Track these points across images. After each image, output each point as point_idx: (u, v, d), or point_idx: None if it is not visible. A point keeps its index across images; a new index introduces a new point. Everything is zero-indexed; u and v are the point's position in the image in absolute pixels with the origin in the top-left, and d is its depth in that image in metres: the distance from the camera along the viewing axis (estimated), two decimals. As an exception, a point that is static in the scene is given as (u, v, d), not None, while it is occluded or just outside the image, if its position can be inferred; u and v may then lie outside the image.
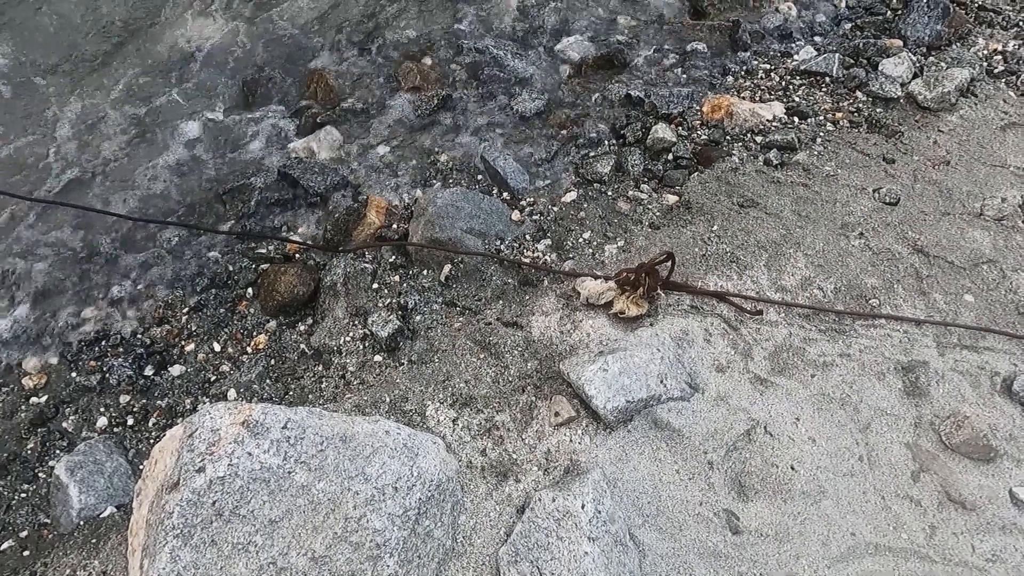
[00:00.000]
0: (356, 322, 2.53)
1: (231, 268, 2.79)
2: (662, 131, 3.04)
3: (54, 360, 2.58)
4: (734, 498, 2.03)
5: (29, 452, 2.34)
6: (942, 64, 3.27)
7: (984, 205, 2.74)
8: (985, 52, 3.34)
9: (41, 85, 3.43)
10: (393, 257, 2.73)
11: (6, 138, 3.21)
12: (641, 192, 2.89)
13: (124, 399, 2.47)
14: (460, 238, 2.66)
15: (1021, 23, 3.47)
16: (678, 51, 3.49)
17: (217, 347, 2.60)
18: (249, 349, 2.58)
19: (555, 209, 2.87)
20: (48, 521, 2.17)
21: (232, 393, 2.44)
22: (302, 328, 2.61)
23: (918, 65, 3.26)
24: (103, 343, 2.62)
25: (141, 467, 2.23)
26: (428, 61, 3.48)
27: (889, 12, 3.61)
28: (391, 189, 3.00)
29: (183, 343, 2.62)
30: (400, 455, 1.81)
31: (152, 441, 2.33)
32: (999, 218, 2.69)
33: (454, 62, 3.47)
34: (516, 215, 2.85)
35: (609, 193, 2.90)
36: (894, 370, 2.30)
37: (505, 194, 2.94)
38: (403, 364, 2.38)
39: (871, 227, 2.67)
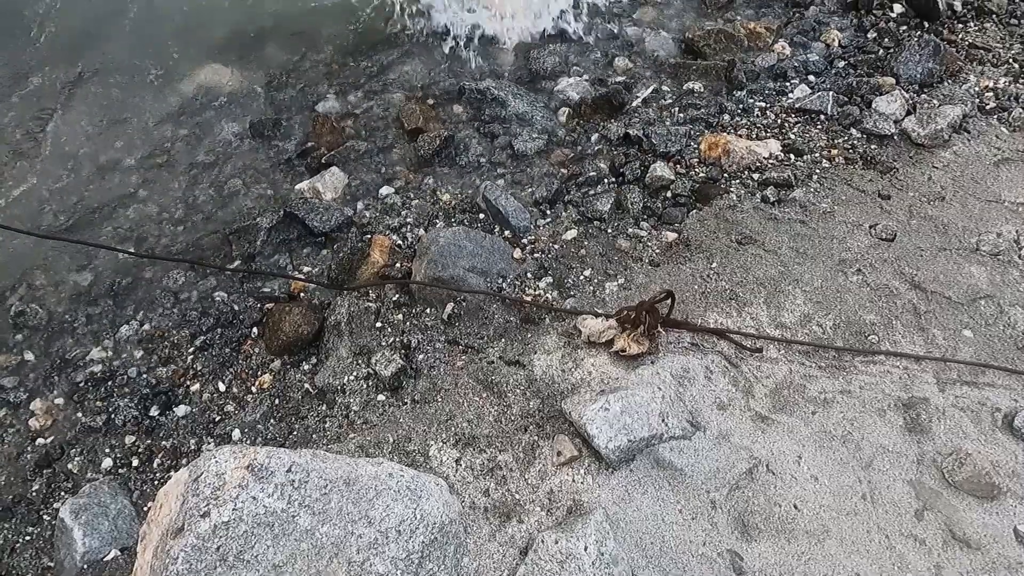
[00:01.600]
0: (360, 361, 2.56)
1: (237, 307, 2.83)
2: (660, 169, 3.10)
3: (60, 401, 2.60)
4: (737, 538, 2.03)
5: (34, 494, 2.36)
6: (934, 101, 3.33)
7: (980, 240, 2.77)
8: (976, 89, 3.41)
9: (51, 126, 3.51)
10: (397, 296, 2.77)
11: (17, 176, 3.28)
12: (641, 229, 2.93)
13: (129, 440, 2.49)
14: (462, 276, 2.70)
15: (1011, 60, 3.55)
16: (675, 91, 3.56)
17: (222, 387, 2.63)
18: (254, 389, 2.60)
19: (556, 247, 2.91)
20: (52, 565, 2.18)
21: (236, 433, 2.46)
22: (306, 367, 2.64)
23: (911, 102, 3.33)
24: (110, 383, 2.64)
25: (145, 509, 2.25)
26: (430, 102, 3.56)
27: (881, 50, 3.68)
28: (394, 228, 3.05)
29: (188, 383, 2.64)
30: (404, 498, 1.82)
31: (157, 483, 2.34)
32: (995, 253, 2.73)
33: (456, 103, 3.55)
34: (517, 253, 2.89)
35: (609, 231, 2.95)
36: (895, 407, 2.31)
37: (507, 232, 2.98)
38: (406, 403, 2.40)
39: (868, 263, 2.70)
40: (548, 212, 3.07)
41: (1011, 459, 2.19)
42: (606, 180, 3.17)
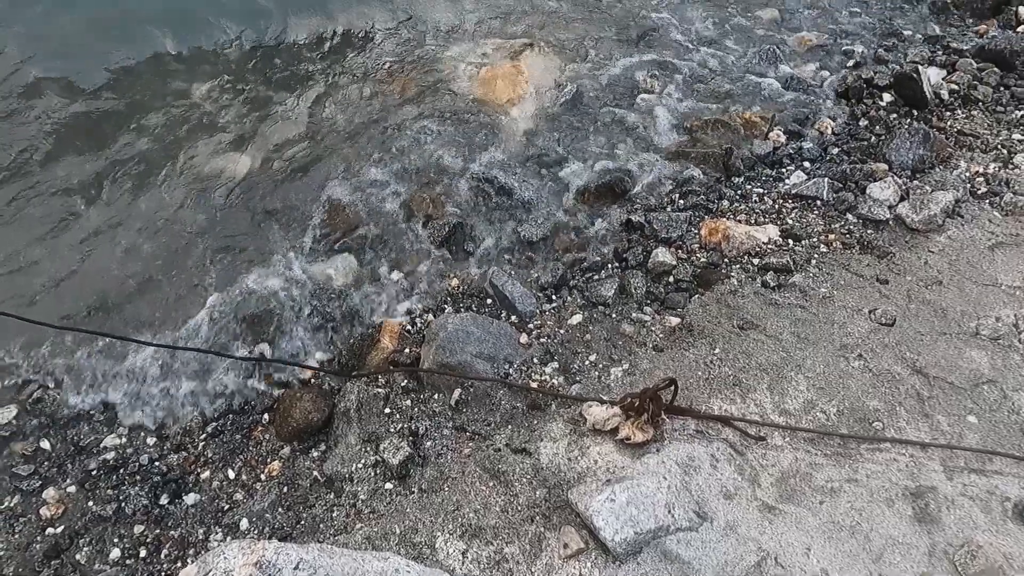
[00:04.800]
0: (368, 448, 2.59)
1: (248, 393, 2.88)
2: (662, 255, 3.19)
3: (73, 489, 2.63)
4: (748, 636, 2.00)
5: (42, 587, 2.36)
6: (927, 187, 3.44)
7: (979, 325, 2.81)
8: (967, 174, 3.52)
9: (74, 213, 3.66)
10: (405, 381, 2.82)
11: (41, 263, 3.41)
12: (644, 314, 3.00)
13: (138, 529, 2.50)
14: (470, 362, 2.75)
15: (999, 146, 3.67)
16: (675, 177, 3.70)
17: (232, 474, 2.65)
18: (263, 476, 2.63)
19: (561, 332, 2.97)
20: (55, 662, 2.16)
21: (245, 523, 2.47)
22: (315, 455, 2.66)
23: (904, 188, 3.44)
24: (122, 470, 2.67)
25: (151, 603, 2.24)
26: (439, 189, 3.71)
27: (873, 137, 3.83)
28: (404, 313, 3.13)
29: (199, 470, 2.68)
30: (409, 595, 1.82)
31: (163, 575, 2.34)
32: (995, 338, 2.76)
33: (465, 190, 3.69)
34: (524, 338, 2.95)
35: (613, 315, 3.02)
36: (903, 496, 2.30)
37: (513, 317, 3.06)
38: (413, 492, 2.41)
39: (869, 348, 2.74)
40: (554, 297, 3.15)
41: (1023, 550, 2.16)
42: (610, 265, 3.26)
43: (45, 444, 2.75)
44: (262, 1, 4.82)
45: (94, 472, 2.66)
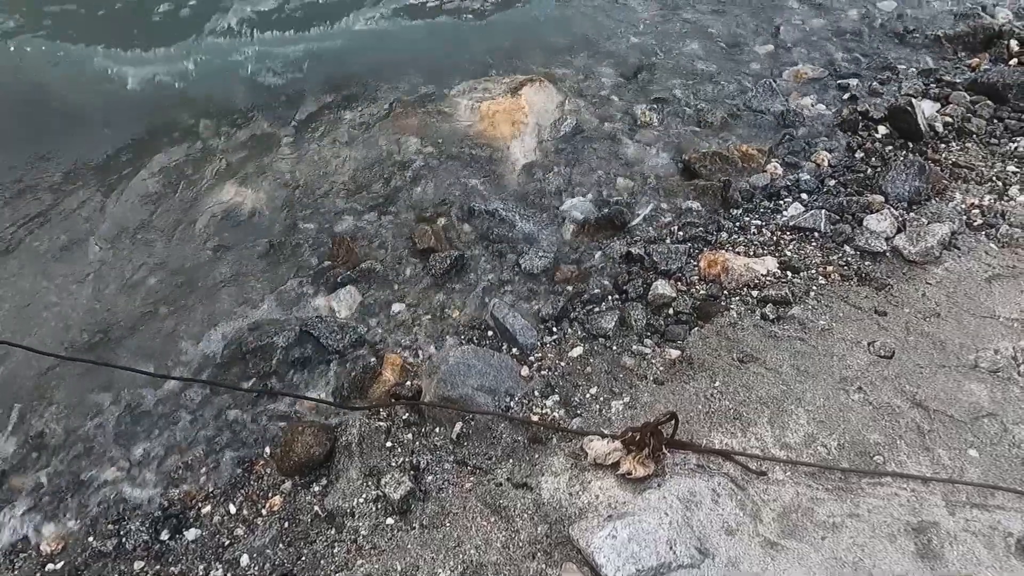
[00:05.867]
0: (369, 483, 2.59)
1: (250, 427, 2.89)
2: (662, 287, 3.22)
3: (73, 524, 2.63)
4: (751, 675, 1.98)
5: (40, 625, 2.34)
6: (923, 219, 3.47)
7: (978, 357, 2.82)
8: (963, 207, 3.55)
9: (80, 245, 3.71)
10: (407, 415, 2.83)
11: (44, 294, 3.44)
12: (644, 347, 3.01)
13: (139, 565, 2.49)
14: (471, 396, 2.77)
15: (994, 178, 3.72)
16: (674, 209, 3.74)
17: (233, 509, 2.65)
18: (264, 511, 2.62)
19: (562, 364, 2.98)
20: None
21: (245, 559, 2.46)
22: (316, 489, 2.66)
23: (900, 220, 3.47)
24: (122, 506, 2.67)
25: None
26: (442, 222, 3.75)
27: (869, 169, 3.88)
28: (406, 346, 3.15)
29: (200, 504, 2.67)
30: (410, 635, 1.81)
31: (163, 613, 2.33)
32: (994, 370, 2.77)
33: (466, 223, 3.74)
34: (525, 371, 2.97)
35: (614, 348, 3.03)
36: (905, 531, 2.30)
37: (514, 350, 3.07)
38: (415, 528, 2.41)
39: (869, 381, 2.75)
40: (555, 329, 3.17)
41: (1028, 588, 2.15)
42: (610, 297, 3.28)
43: (44, 479, 2.75)
44: (266, 38, 4.93)
45: (94, 507, 2.66)
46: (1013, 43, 4.73)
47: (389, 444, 2.73)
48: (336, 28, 5.18)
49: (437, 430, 2.75)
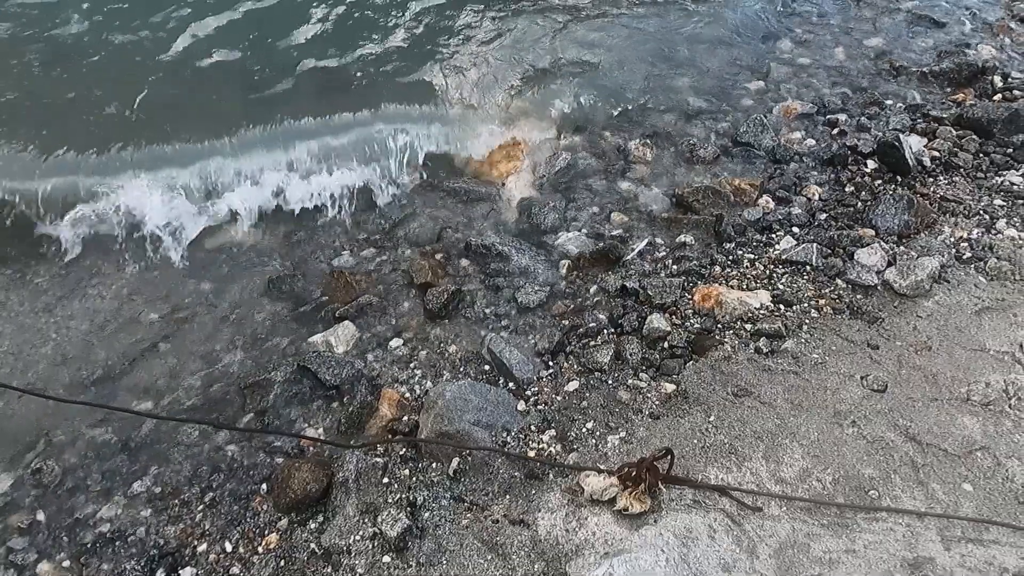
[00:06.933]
0: (366, 520, 2.59)
1: (247, 463, 2.89)
2: (657, 321, 3.25)
3: (67, 563, 2.61)
4: None
5: (32, 668, 2.32)
6: (913, 252, 3.53)
7: (970, 390, 2.85)
8: (952, 240, 3.61)
9: (77, 285, 3.73)
10: (404, 450, 2.84)
11: (43, 332, 3.46)
12: (640, 381, 3.03)
13: (133, 605, 2.48)
14: (468, 431, 2.78)
15: (981, 212, 3.79)
16: (668, 244, 3.80)
17: (229, 547, 2.64)
18: (260, 549, 2.61)
19: (558, 399, 3.00)
20: None
21: (241, 599, 2.44)
22: (313, 526, 2.66)
23: (891, 254, 3.53)
24: (118, 543, 2.66)
25: None
26: (439, 257, 3.79)
27: (859, 203, 3.94)
28: (403, 381, 3.17)
29: (196, 542, 2.66)
30: (407, 677, 1.81)
31: (157, 654, 2.31)
32: (986, 403, 2.80)
33: (463, 258, 3.78)
34: (521, 405, 2.98)
35: (610, 382, 3.05)
36: (901, 567, 2.30)
37: (511, 384, 3.09)
38: (411, 566, 2.41)
39: (863, 415, 2.77)
40: (551, 363, 3.20)
41: (1025, 624, 2.15)
42: (605, 331, 3.31)
43: (41, 516, 2.74)
44: (267, 82, 5.02)
45: (90, 545, 2.65)
46: (996, 79, 4.85)
47: (386, 480, 2.73)
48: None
49: (434, 466, 2.76)
